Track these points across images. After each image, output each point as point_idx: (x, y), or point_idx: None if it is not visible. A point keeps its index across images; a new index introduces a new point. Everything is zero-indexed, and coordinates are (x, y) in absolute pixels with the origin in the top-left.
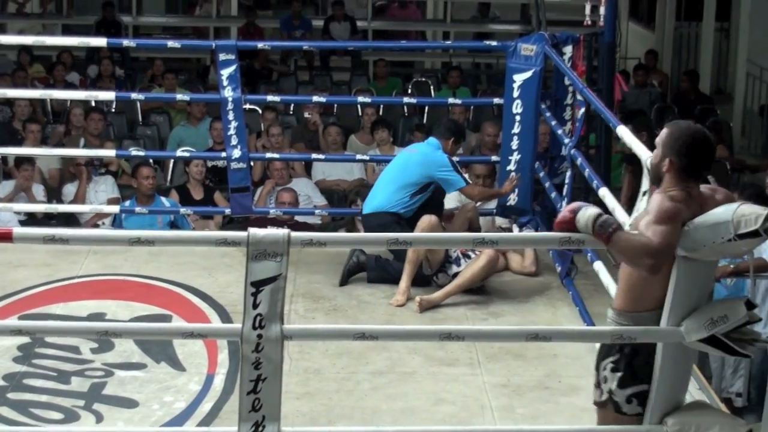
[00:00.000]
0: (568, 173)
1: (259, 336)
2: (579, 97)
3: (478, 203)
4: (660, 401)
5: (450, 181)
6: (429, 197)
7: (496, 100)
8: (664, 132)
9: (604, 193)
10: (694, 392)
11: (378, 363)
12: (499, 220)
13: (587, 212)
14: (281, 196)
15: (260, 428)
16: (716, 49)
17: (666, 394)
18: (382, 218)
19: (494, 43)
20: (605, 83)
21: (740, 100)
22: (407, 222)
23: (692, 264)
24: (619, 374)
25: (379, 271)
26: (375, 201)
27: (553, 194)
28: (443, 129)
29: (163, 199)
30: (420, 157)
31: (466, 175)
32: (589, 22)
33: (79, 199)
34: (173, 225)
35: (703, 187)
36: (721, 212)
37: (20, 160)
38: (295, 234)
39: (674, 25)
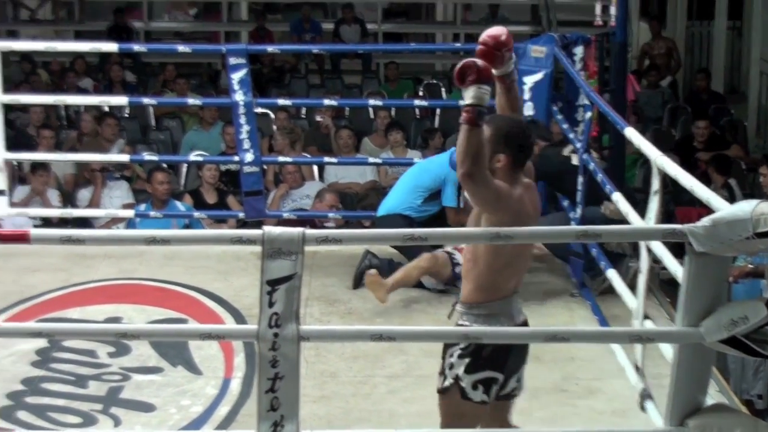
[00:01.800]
0: (580, 179)
1: (275, 335)
2: (586, 100)
3: None
4: (679, 403)
5: (446, 194)
6: (442, 210)
7: None
8: (488, 130)
9: (618, 197)
10: (713, 394)
11: (394, 366)
12: None
13: (480, 90)
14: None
15: (279, 428)
16: (729, 48)
17: (685, 396)
18: (393, 221)
19: None
20: (617, 84)
21: (754, 99)
22: (419, 227)
23: (707, 260)
24: (467, 360)
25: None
26: (387, 203)
27: (566, 202)
28: None
29: (178, 203)
30: (438, 162)
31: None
32: (600, 22)
33: (93, 204)
34: (187, 229)
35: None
36: (739, 209)
37: (35, 166)
38: (309, 231)
39: (686, 24)
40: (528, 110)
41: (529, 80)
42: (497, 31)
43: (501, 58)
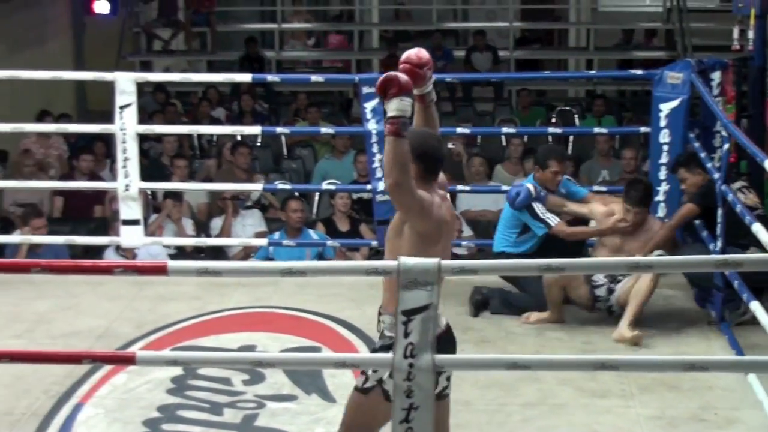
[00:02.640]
0: (719, 211)
1: (411, 365)
2: (724, 132)
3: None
4: None
5: (532, 224)
6: (546, 240)
7: (643, 129)
8: None
9: (758, 228)
10: None
11: (528, 394)
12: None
13: (403, 102)
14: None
15: None
16: None
17: None
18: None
19: (639, 72)
20: (755, 109)
21: None
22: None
23: None
24: None
25: (504, 304)
26: (494, 239)
27: (704, 233)
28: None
29: (311, 231)
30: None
31: (550, 216)
32: (738, 47)
33: (225, 232)
34: (320, 257)
35: None
36: None
37: (169, 195)
38: (445, 262)
39: None
40: (664, 137)
41: (666, 107)
42: (420, 51)
43: (422, 77)
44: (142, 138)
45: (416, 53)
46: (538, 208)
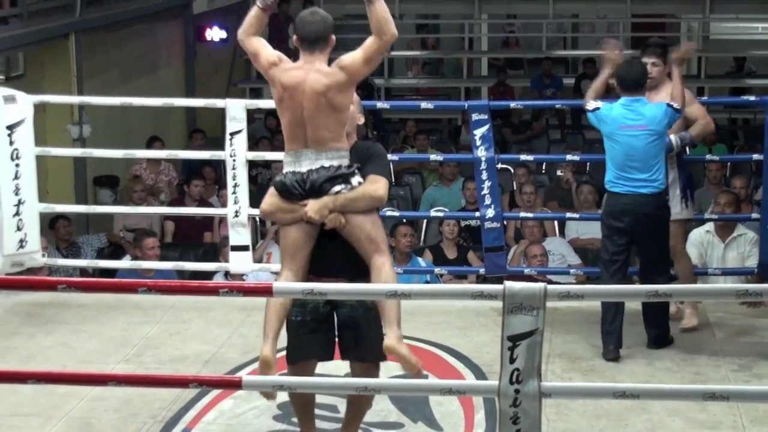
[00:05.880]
0: None
1: (517, 391)
2: None
3: None
4: None
5: None
6: None
7: (755, 157)
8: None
9: None
10: None
11: (638, 425)
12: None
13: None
14: (531, 250)
15: None
16: None
17: None
18: None
19: (752, 98)
20: None
21: None
22: None
23: None
24: None
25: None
26: None
27: None
28: None
29: (420, 259)
30: None
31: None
32: None
33: None
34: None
35: None
36: None
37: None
38: (551, 287)
39: None
40: None
41: None
42: None
43: None
44: (251, 164)
45: None
46: None
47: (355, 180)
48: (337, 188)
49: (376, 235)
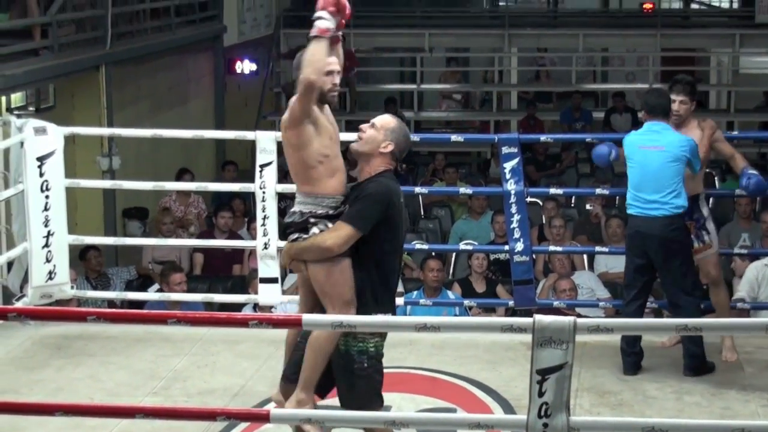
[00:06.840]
0: None
1: (545, 425)
2: None
3: None
4: None
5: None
6: None
7: None
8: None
9: None
10: None
11: None
12: None
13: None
14: (560, 284)
15: None
16: None
17: None
18: None
19: None
20: None
21: None
22: None
23: None
24: None
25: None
26: None
27: None
28: None
29: (449, 292)
30: None
31: None
32: None
33: None
34: None
35: None
36: None
37: None
38: (581, 320)
39: None
40: None
41: None
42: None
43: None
44: (280, 197)
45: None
46: None
47: (317, 228)
48: (293, 236)
49: (329, 289)
